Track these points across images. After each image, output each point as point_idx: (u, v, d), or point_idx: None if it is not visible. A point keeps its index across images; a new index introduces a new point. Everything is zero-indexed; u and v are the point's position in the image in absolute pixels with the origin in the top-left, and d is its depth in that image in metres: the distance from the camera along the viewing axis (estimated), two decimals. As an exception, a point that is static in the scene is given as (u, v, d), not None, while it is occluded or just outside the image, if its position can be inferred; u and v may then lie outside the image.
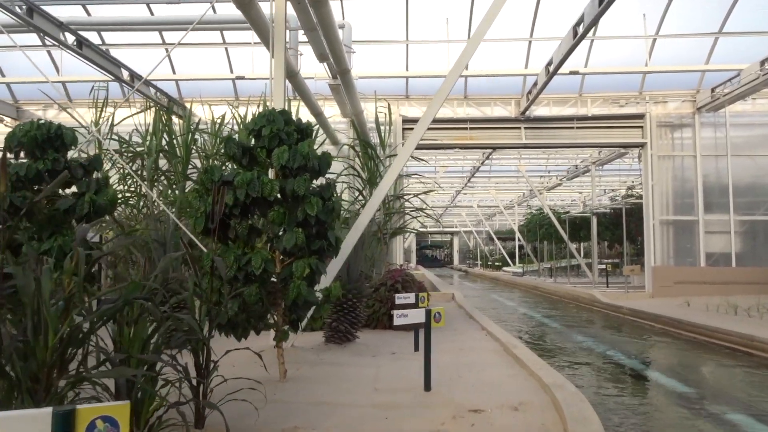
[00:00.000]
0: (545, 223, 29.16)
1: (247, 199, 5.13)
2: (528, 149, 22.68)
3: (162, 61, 15.81)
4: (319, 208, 5.28)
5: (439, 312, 5.45)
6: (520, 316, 15.58)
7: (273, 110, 5.63)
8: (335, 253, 5.80)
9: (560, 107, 16.71)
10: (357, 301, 7.84)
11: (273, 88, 7.44)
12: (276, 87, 7.40)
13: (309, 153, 5.29)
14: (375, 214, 13.74)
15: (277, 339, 5.60)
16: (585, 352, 10.12)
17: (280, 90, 7.36)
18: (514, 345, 7.57)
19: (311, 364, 6.79)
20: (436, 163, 26.93)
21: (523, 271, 34.47)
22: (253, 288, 5.13)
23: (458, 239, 72.25)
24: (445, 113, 16.92)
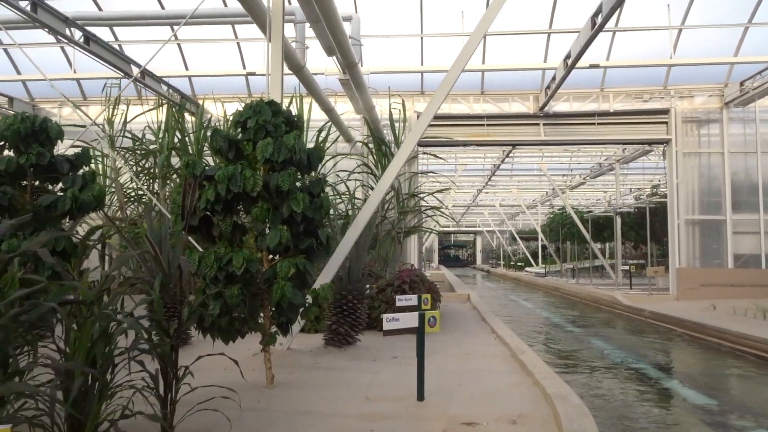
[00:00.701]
0: (567, 222, 28.49)
1: (229, 195, 4.83)
2: (548, 146, 22.15)
3: (168, 54, 15.74)
4: (306, 204, 4.96)
5: (434, 316, 5.08)
6: (536, 319, 15.10)
7: (260, 101, 5.33)
8: (327, 252, 5.48)
9: (581, 103, 16.15)
10: (358, 303, 7.51)
11: (270, 78, 7.15)
12: (273, 78, 7.10)
13: (295, 145, 4.97)
14: (377, 211, 13.41)
15: (264, 343, 5.29)
16: (599, 357, 9.65)
17: (277, 80, 7.06)
18: (522, 350, 7.16)
19: (306, 368, 6.49)
20: (456, 161, 26.47)
21: (546, 271, 33.78)
22: (234, 289, 4.84)
23: (481, 239, 71.51)
24: (461, 109, 16.50)
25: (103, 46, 11.87)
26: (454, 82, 7.29)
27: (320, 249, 5.38)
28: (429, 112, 7.28)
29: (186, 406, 3.96)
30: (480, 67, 15.34)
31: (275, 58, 7.11)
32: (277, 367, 6.49)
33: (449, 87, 7.25)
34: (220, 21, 12.20)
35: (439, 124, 16.44)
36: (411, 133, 7.31)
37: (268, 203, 4.96)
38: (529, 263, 42.28)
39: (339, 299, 7.51)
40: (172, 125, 14.58)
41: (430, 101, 7.37)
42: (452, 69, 7.29)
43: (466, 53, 7.20)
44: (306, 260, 5.14)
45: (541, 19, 14.52)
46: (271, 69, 7.14)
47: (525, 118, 16.21)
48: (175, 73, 15.56)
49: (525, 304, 19.54)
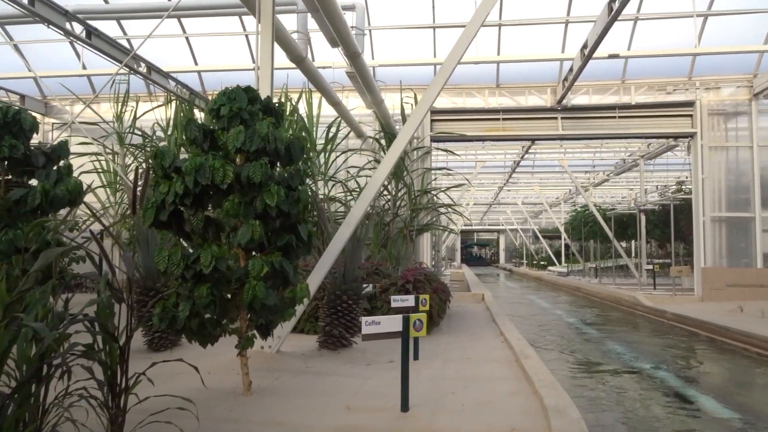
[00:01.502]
0: (590, 220, 27.72)
1: (196, 188, 4.47)
2: (569, 142, 21.51)
3: (177, 49, 15.54)
4: (281, 197, 4.58)
5: (420, 319, 4.66)
6: (552, 320, 14.54)
7: (237, 87, 4.97)
8: (307, 250, 5.09)
9: (601, 95, 15.52)
10: (353, 303, 7.12)
11: (259, 67, 6.79)
12: (263, 67, 6.74)
13: (269, 134, 4.59)
14: (382, 207, 13.04)
15: (240, 347, 4.93)
16: (614, 362, 9.11)
17: (267, 66, 6.69)
18: (526, 355, 6.70)
19: (294, 373, 6.12)
20: (476, 157, 25.91)
21: (568, 270, 33.01)
22: (202, 289, 4.48)
23: (504, 238, 70.62)
24: (476, 103, 16.00)
25: (106, 40, 11.67)
26: (453, 69, 6.83)
27: (300, 246, 5.00)
28: (426, 100, 6.84)
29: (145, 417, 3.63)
30: (495, 59, 14.80)
31: (265, 32, 6.75)
32: (263, 371, 6.15)
33: (448, 74, 6.79)
34: (225, 12, 11.90)
35: (453, 118, 15.98)
36: (406, 125, 6.89)
37: (240, 197, 4.59)
38: (552, 262, 41.51)
39: (333, 299, 7.13)
40: (180, 121, 14.41)
41: (427, 90, 6.93)
42: (450, 56, 6.84)
43: (465, 39, 6.75)
44: (284, 258, 4.77)
45: (559, 6, 13.95)
46: (261, 58, 6.78)
47: (542, 112, 15.64)
48: (184, 68, 15.35)
49: (542, 305, 18.96)
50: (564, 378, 7.94)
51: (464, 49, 6.71)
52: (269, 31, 6.78)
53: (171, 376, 6.00)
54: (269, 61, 6.78)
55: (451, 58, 6.76)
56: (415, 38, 15.14)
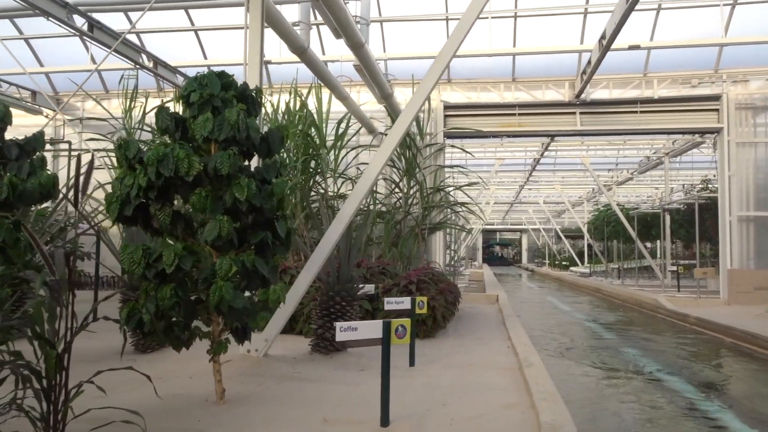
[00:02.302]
0: (612, 220, 26.94)
1: (159, 180, 4.13)
2: (589, 139, 20.88)
3: (186, 43, 15.29)
4: (252, 191, 4.22)
5: (403, 325, 4.25)
6: (568, 323, 13.98)
7: (210, 72, 4.61)
8: (285, 248, 4.71)
9: (621, 89, 14.89)
10: (347, 305, 6.73)
11: (248, 55, 6.44)
12: (251, 55, 6.39)
13: (238, 121, 4.22)
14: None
15: (213, 352, 4.57)
16: (628, 371, 8.56)
17: (256, 58, 6.34)
18: (530, 363, 6.24)
19: (279, 379, 5.76)
20: (496, 154, 25.34)
21: (591, 271, 32.21)
22: (166, 290, 4.13)
23: (527, 237, 69.65)
24: (491, 98, 15.48)
25: (109, 33, 11.45)
26: (449, 60, 6.38)
27: (278, 244, 4.63)
28: (421, 93, 6.40)
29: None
30: (510, 51, 14.24)
31: (254, 33, 6.40)
32: (247, 376, 5.81)
33: (444, 64, 6.35)
34: (232, 3, 11.61)
35: (467, 114, 15.51)
36: (403, 114, 6.46)
37: (207, 190, 4.23)
38: (574, 262, 40.66)
39: (326, 301, 6.75)
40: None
41: (425, 76, 6.48)
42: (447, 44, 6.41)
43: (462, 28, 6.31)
44: (258, 257, 4.40)
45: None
46: (249, 48, 6.42)
47: (560, 107, 15.07)
48: (193, 63, 15.11)
49: (560, 306, 18.36)
50: (571, 388, 7.45)
51: (462, 37, 6.27)
52: (258, 21, 6.42)
53: (146, 381, 5.70)
54: (258, 53, 6.42)
55: (448, 47, 6.33)
56: (427, 30, 14.70)
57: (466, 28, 6.25)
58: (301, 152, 13.35)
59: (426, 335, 8.46)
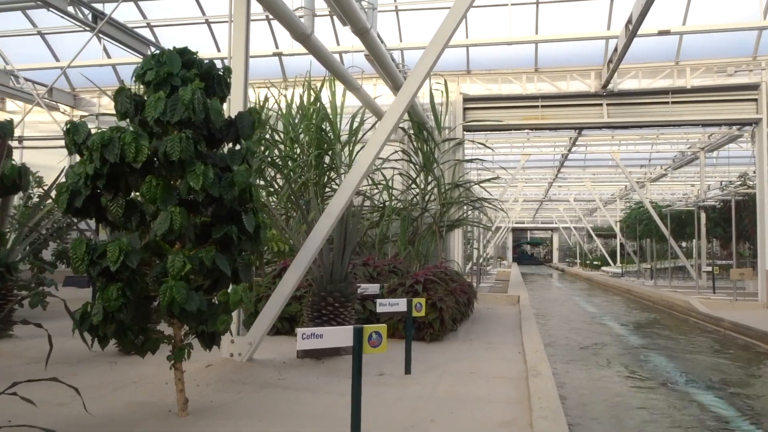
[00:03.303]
0: (645, 218, 25.88)
1: (104, 167, 3.69)
2: (620, 133, 19.99)
3: (200, 35, 14.97)
4: (209, 179, 3.75)
5: (378, 331, 3.73)
6: (591, 326, 13.24)
7: (170, 50, 4.16)
8: (253, 244, 4.24)
9: (651, 79, 14.06)
10: (340, 306, 6.24)
11: (233, 44, 5.99)
12: (236, 42, 5.94)
13: (194, 101, 3.76)
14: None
15: (174, 358, 4.13)
16: (651, 381, 7.86)
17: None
18: (538, 372, 5.66)
19: (259, 386, 5.30)
20: (523, 149, 24.55)
21: (622, 271, 31.12)
22: (112, 289, 3.70)
23: (558, 236, 68.25)
24: (513, 89, 14.80)
25: (115, 26, 11.18)
26: (452, 34, 5.82)
27: (244, 240, 4.16)
28: (413, 81, 5.86)
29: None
30: (533, 38, 13.51)
31: (238, 15, 5.94)
32: (226, 383, 5.37)
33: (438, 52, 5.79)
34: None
35: (488, 106, 14.88)
36: (400, 94, 5.92)
37: (158, 178, 3.78)
38: (606, 262, 39.50)
39: (317, 301, 6.27)
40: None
41: (424, 54, 5.94)
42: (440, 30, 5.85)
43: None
44: (219, 254, 3.94)
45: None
46: (234, 35, 5.97)
47: (586, 98, 14.31)
48: (206, 56, 14.75)
49: (587, 308, 17.56)
50: (587, 399, 6.83)
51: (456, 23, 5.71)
52: (243, 7, 5.96)
53: (122, 385, 5.32)
54: (243, 44, 5.96)
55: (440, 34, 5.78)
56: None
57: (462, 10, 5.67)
58: (314, 147, 12.94)
59: (433, 339, 7.93)
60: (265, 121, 13.49)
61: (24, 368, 5.85)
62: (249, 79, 15.59)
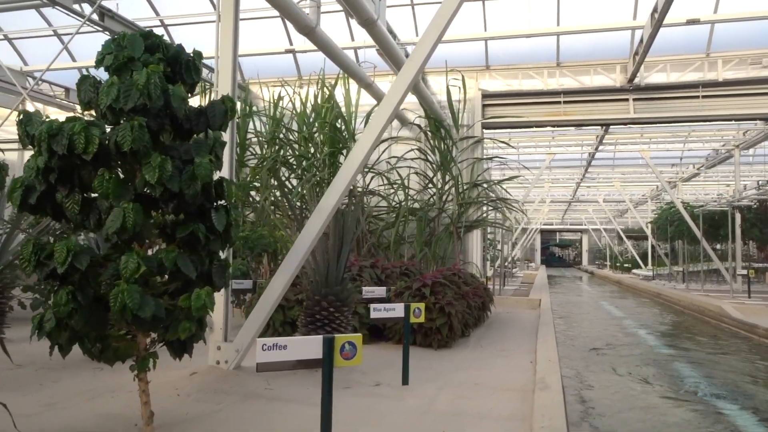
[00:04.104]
0: (676, 219, 24.93)
1: (52, 159, 3.37)
2: (647, 129, 19.24)
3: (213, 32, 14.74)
4: (166, 173, 3.40)
5: (352, 342, 3.32)
6: (616, 332, 12.60)
7: (132, 33, 3.83)
8: (223, 244, 3.88)
9: (680, 72, 13.37)
10: (335, 311, 5.85)
11: (220, 36, 5.66)
12: (223, 32, 5.61)
13: (149, 86, 3.41)
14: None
15: (138, 368, 3.78)
16: (675, 393, 7.29)
17: (229, 37, 5.55)
18: (546, 385, 5.18)
19: (244, 397, 4.94)
20: (549, 148, 23.89)
21: (653, 274, 30.11)
22: (61, 293, 3.37)
23: (588, 238, 66.86)
24: (534, 85, 14.25)
25: (121, 22, 10.99)
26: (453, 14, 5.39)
27: (213, 239, 3.80)
28: (422, 48, 5.44)
29: None
30: (554, 30, 12.91)
31: (226, 9, 5.60)
32: (208, 393, 5.02)
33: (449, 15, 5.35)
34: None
35: (507, 102, 14.36)
36: (397, 80, 5.49)
37: (111, 172, 3.44)
38: (636, 264, 38.37)
39: (311, 306, 5.90)
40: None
41: (423, 35, 5.51)
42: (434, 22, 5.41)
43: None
44: (182, 254, 3.59)
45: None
46: (222, 31, 5.63)
47: (610, 93, 13.68)
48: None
49: (612, 312, 16.86)
50: (602, 412, 6.31)
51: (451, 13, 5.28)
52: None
53: (100, 393, 5.03)
54: (230, 42, 5.61)
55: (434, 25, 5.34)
56: (462, 12, 13.56)
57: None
58: (328, 146, 12.62)
59: (441, 345, 7.49)
60: (279, 119, 13.24)
61: (5, 374, 5.62)
62: (265, 75, 15.34)
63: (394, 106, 5.34)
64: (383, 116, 5.37)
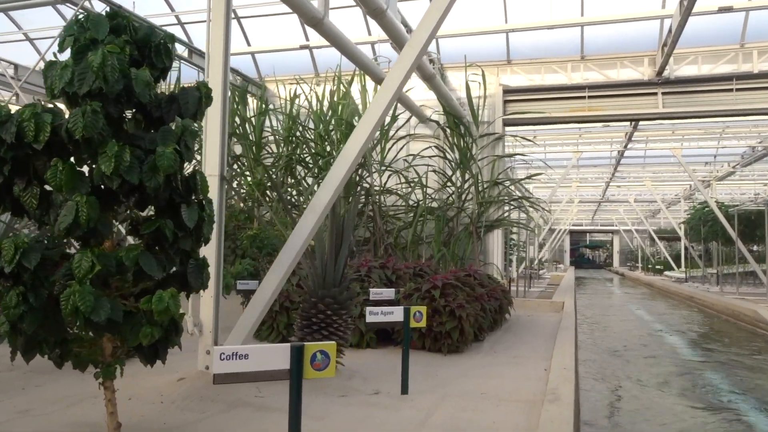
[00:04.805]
0: (709, 219, 24.01)
1: (2, 149, 3.10)
2: (679, 126, 18.49)
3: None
4: (124, 163, 3.10)
5: (325, 351, 2.97)
6: (642, 337, 12.01)
7: (96, 13, 3.54)
8: (195, 242, 3.58)
9: (712, 64, 12.69)
10: (333, 314, 5.51)
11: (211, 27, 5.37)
12: (215, 22, 5.31)
13: (104, 68, 3.11)
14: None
15: (102, 376, 3.50)
16: (704, 407, 6.76)
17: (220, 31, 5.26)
18: (557, 397, 4.76)
19: (230, 405, 4.63)
20: (577, 147, 23.24)
21: (686, 276, 29.11)
22: (12, 295, 3.09)
23: (618, 239, 65.45)
24: (557, 79, 13.72)
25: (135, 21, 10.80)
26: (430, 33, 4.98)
27: (182, 236, 3.49)
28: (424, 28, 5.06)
29: None
30: (578, 21, 12.32)
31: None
32: (194, 400, 4.73)
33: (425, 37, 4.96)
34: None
35: (530, 98, 13.87)
36: (396, 63, 5.11)
37: (64, 162, 3.15)
38: (669, 266, 37.24)
39: (308, 308, 5.57)
40: (233, 109, 13.49)
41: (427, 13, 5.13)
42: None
43: None
44: (146, 252, 3.29)
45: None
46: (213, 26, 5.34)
47: (638, 86, 13.06)
48: (235, 50, 14.38)
49: (641, 316, 16.20)
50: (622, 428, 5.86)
51: None
52: None
53: (81, 399, 4.77)
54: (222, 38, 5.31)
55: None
56: (482, 4, 13.10)
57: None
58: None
59: (451, 351, 7.09)
60: (295, 117, 13.01)
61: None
62: (282, 73, 15.08)
63: (393, 91, 4.98)
64: (381, 104, 5.01)
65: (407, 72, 5.00)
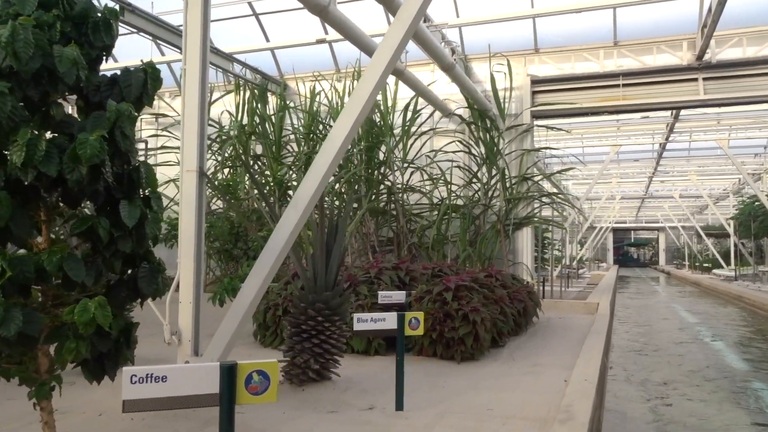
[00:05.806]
0: (760, 214, 22.64)
1: None
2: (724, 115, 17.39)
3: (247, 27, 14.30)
4: (39, 153, 2.68)
5: (263, 371, 2.46)
6: (683, 341, 11.14)
7: (27, -13, 3.14)
8: (135, 243, 3.14)
9: (758, 47, 11.71)
10: (325, 321, 5.03)
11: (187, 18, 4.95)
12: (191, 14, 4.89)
13: (14, 43, 2.70)
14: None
15: (35, 396, 3.10)
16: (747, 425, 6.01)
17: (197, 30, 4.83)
18: (571, 416, 4.17)
19: (205, 423, 4.19)
20: (616, 140, 22.19)
21: (735, 275, 27.62)
22: None
23: (664, 236, 63.22)
24: (589, 68, 12.92)
25: (144, 17, 10.62)
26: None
27: (119, 235, 3.07)
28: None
29: None
30: (611, 2, 11.51)
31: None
32: (163, 418, 4.31)
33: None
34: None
35: (560, 88, 13.14)
36: (392, 26, 4.59)
37: (-28, 153, 2.76)
38: (717, 264, 35.55)
39: (297, 315, 5.10)
40: (252, 108, 13.22)
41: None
42: None
43: None
44: (72, 255, 2.88)
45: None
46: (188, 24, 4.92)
47: (676, 72, 12.18)
48: (254, 47, 14.07)
49: (685, 318, 15.22)
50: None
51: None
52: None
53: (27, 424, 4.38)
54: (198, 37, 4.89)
55: None
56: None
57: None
58: (364, 140, 11.91)
59: (465, 358, 6.53)
60: (315, 114, 12.63)
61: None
62: (302, 68, 14.69)
63: (381, 69, 4.46)
64: (369, 84, 4.50)
65: (404, 34, 4.47)
